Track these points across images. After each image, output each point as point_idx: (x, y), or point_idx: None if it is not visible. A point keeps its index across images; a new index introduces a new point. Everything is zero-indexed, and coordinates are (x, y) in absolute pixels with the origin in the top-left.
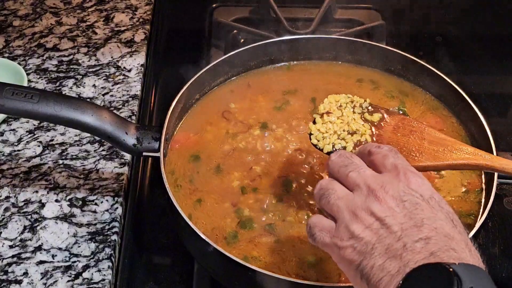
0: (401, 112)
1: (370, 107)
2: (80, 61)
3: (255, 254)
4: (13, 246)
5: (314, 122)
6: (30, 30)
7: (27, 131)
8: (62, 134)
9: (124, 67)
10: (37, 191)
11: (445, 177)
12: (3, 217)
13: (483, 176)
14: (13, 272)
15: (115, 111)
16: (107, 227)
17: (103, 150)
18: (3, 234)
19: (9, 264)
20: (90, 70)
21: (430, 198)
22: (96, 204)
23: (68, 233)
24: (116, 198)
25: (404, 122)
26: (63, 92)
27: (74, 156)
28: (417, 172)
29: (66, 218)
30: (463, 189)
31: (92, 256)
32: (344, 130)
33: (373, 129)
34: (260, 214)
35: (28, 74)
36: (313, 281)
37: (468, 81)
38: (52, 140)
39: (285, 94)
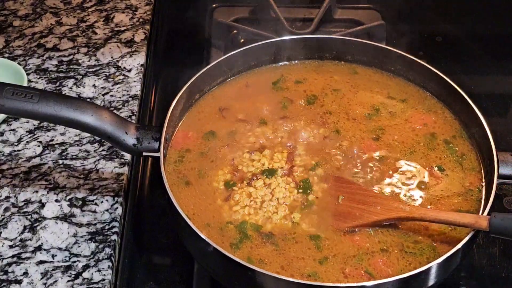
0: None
1: None
2: (80, 61)
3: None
4: (13, 246)
5: None
6: (30, 30)
7: (27, 131)
8: (62, 134)
9: (124, 67)
10: (37, 191)
11: (449, 176)
12: (3, 217)
13: (483, 175)
14: (13, 272)
15: (115, 111)
16: (107, 227)
17: (103, 150)
18: (3, 234)
19: (9, 264)
20: (90, 70)
21: None
22: (96, 204)
23: (68, 233)
24: (116, 198)
25: (336, 184)
26: (63, 92)
27: (74, 156)
28: None
29: (66, 218)
30: (464, 188)
31: (92, 256)
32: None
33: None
34: (256, 213)
35: (28, 74)
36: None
37: (468, 81)
38: (52, 140)
39: (284, 93)
